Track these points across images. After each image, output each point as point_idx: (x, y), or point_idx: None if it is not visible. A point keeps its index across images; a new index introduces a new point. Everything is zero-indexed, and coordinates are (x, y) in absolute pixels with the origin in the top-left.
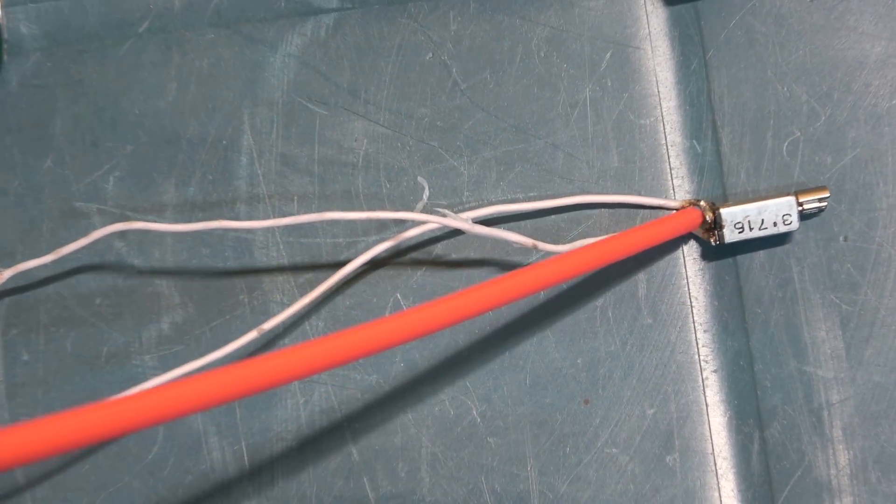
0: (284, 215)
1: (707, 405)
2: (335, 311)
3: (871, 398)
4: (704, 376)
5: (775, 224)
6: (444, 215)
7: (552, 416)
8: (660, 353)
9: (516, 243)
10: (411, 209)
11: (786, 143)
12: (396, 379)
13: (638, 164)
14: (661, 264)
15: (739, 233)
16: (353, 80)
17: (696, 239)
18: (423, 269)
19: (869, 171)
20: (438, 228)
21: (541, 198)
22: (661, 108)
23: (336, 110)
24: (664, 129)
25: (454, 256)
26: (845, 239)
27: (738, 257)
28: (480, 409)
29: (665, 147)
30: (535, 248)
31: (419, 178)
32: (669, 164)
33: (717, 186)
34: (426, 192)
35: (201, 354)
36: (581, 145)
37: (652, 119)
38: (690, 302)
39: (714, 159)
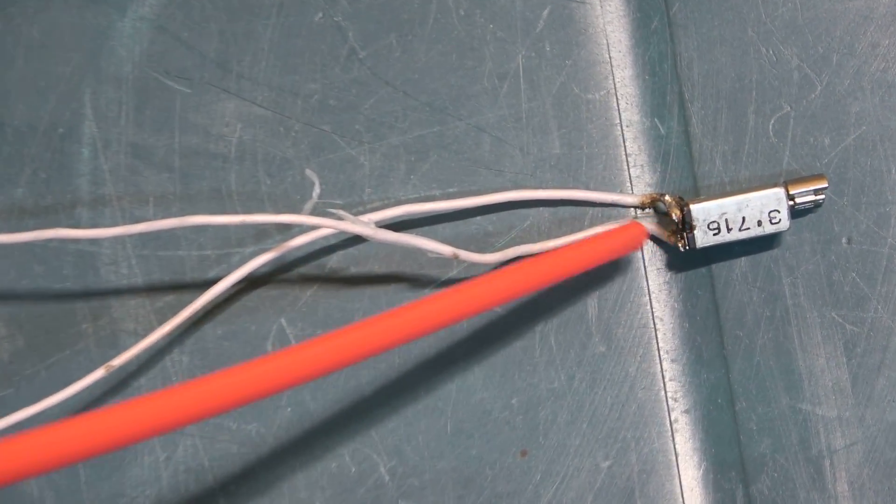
0: (137, 221)
1: (677, 455)
2: (203, 342)
3: (884, 443)
4: (673, 418)
5: (760, 223)
6: (340, 218)
7: (481, 471)
8: (616, 390)
9: (432, 253)
10: (298, 211)
11: (772, 121)
12: (282, 428)
13: (585, 150)
14: (616, 277)
15: (714, 235)
16: (223, 48)
17: (660, 243)
18: (315, 287)
19: (878, 154)
20: (333, 235)
21: (463, 194)
22: (613, 79)
23: (201, 88)
24: (618, 105)
25: (353, 270)
26: (849, 241)
27: (714, 266)
28: (389, 465)
29: (619, 128)
30: (456, 258)
31: (307, 172)
32: (625, 150)
33: (685, 177)
34: (317, 189)
35: (35, 400)
36: (513, 127)
37: (602, 93)
38: (654, 324)
39: (681, 142)
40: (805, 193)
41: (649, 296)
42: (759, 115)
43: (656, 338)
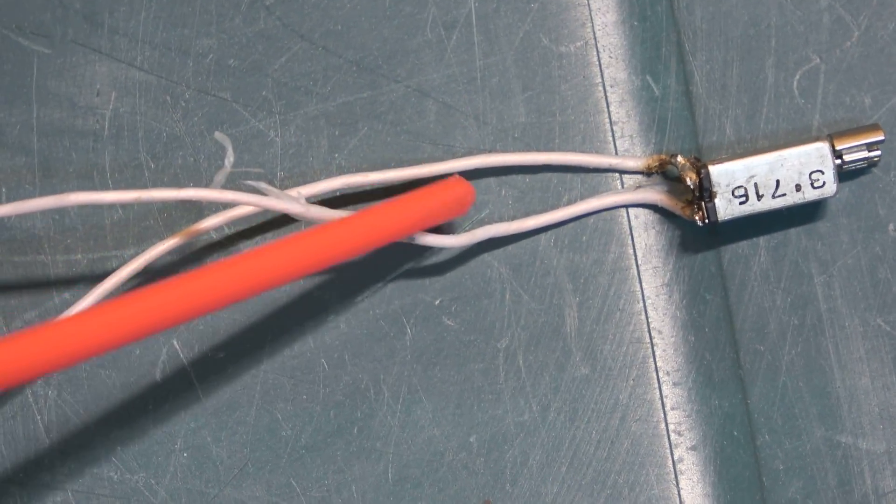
0: None
1: (682, 502)
2: (75, 371)
3: None
4: (677, 457)
5: (799, 188)
6: (262, 193)
7: None
8: (604, 423)
9: None
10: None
11: (797, 76)
12: (178, 478)
13: (558, 117)
14: (601, 278)
15: (742, 204)
16: None
17: (670, 219)
18: None
19: None
20: (253, 215)
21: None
22: (592, 26)
23: (64, 47)
24: (599, 59)
25: None
26: None
27: (727, 263)
28: None
29: (601, 89)
30: (413, 240)
31: (217, 135)
32: (609, 117)
33: (687, 149)
34: (230, 156)
35: None
36: (465, 91)
37: (579, 44)
38: (651, 338)
39: (681, 106)
40: (856, 149)
41: (644, 302)
42: (779, 70)
43: (653, 356)
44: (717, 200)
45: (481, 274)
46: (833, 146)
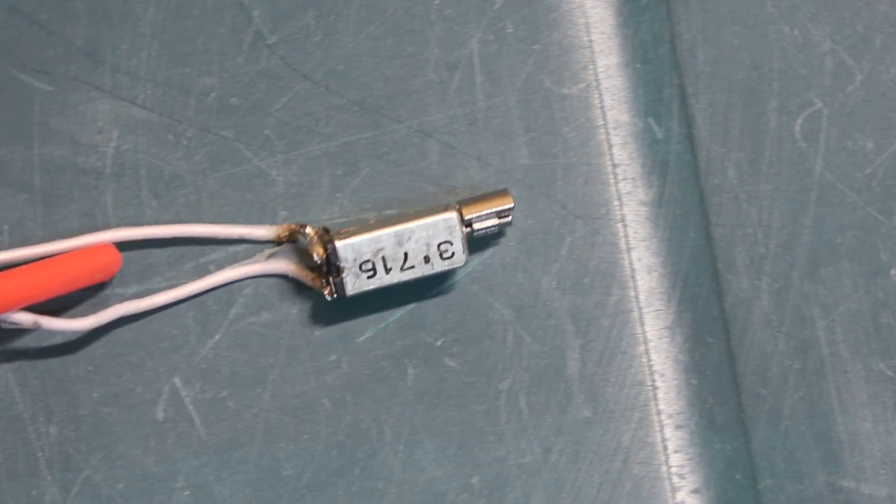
0: None
1: None
2: (76, 408)
3: None
4: (679, 500)
5: (428, 260)
6: None
7: None
8: (605, 466)
9: (5, 324)
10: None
11: (800, 120)
12: None
13: (560, 159)
14: (603, 320)
15: (370, 278)
16: (94, 34)
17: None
18: (216, 337)
19: None
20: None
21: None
22: (595, 69)
23: (67, 84)
24: (601, 101)
25: (266, 316)
26: None
27: (729, 307)
28: None
29: (604, 131)
30: (38, 327)
31: None
32: (612, 160)
33: (689, 193)
34: None
35: None
36: (467, 131)
37: (581, 86)
38: (653, 381)
39: (684, 149)
40: (485, 217)
41: (646, 345)
42: (782, 114)
43: (655, 398)
44: (344, 276)
45: (483, 315)
46: (462, 215)
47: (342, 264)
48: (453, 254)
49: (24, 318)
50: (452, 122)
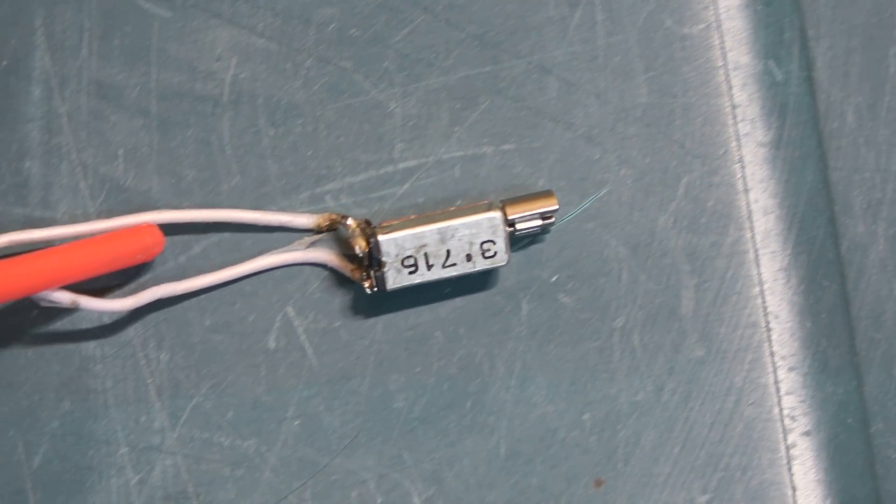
0: (104, 180)
1: (794, 489)
2: (187, 335)
3: None
4: (790, 442)
5: (470, 258)
6: None
7: None
8: (717, 406)
9: (45, 301)
10: (316, 173)
11: None
12: (288, 446)
13: (679, 99)
14: (719, 261)
15: (411, 273)
16: None
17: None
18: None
19: None
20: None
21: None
22: (716, 9)
23: (186, 11)
24: (721, 42)
25: None
26: None
27: (845, 250)
28: (426, 496)
29: (723, 72)
30: (76, 306)
31: None
32: (731, 100)
33: (808, 135)
34: None
35: None
36: (587, 69)
37: (701, 26)
38: (767, 323)
39: (803, 91)
40: (528, 218)
41: (761, 286)
42: None
43: (769, 340)
44: (386, 270)
45: (599, 252)
46: (505, 215)
47: (384, 258)
48: (496, 253)
49: (63, 297)
50: (572, 58)
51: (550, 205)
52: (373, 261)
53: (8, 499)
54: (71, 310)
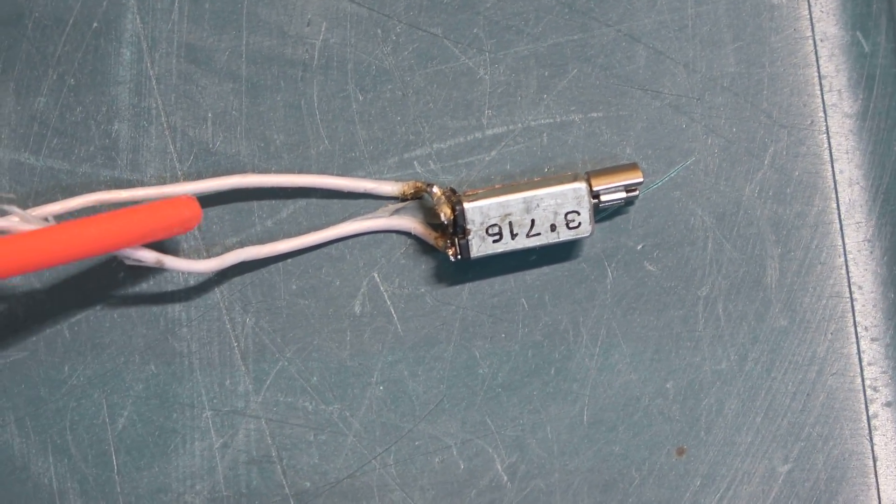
0: (192, 143)
1: (875, 459)
2: (273, 299)
3: None
4: (872, 413)
5: (554, 228)
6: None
7: (625, 473)
8: (800, 375)
9: (130, 260)
10: (409, 139)
11: None
12: (372, 411)
13: (767, 69)
14: (803, 231)
15: (495, 242)
16: None
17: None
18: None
19: None
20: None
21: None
22: None
23: None
24: (810, 13)
25: None
26: None
27: None
28: (509, 462)
29: (811, 42)
30: (161, 266)
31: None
32: (819, 71)
33: (895, 107)
34: None
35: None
36: (675, 38)
37: None
38: (850, 293)
39: (890, 63)
40: (613, 190)
41: (845, 257)
42: None
43: (853, 310)
44: (470, 238)
45: (684, 221)
46: (590, 186)
47: (469, 226)
48: (580, 224)
49: (148, 256)
50: (661, 27)
51: (635, 177)
52: (457, 228)
53: (92, 461)
54: (157, 272)
